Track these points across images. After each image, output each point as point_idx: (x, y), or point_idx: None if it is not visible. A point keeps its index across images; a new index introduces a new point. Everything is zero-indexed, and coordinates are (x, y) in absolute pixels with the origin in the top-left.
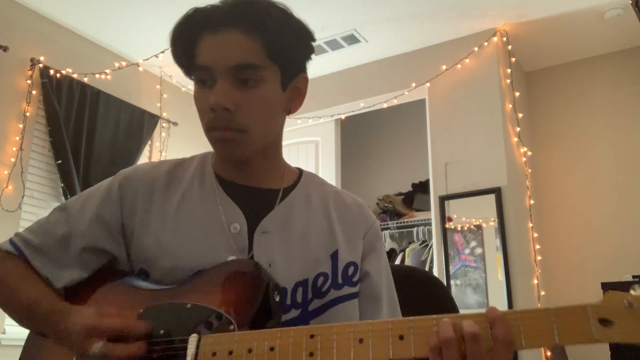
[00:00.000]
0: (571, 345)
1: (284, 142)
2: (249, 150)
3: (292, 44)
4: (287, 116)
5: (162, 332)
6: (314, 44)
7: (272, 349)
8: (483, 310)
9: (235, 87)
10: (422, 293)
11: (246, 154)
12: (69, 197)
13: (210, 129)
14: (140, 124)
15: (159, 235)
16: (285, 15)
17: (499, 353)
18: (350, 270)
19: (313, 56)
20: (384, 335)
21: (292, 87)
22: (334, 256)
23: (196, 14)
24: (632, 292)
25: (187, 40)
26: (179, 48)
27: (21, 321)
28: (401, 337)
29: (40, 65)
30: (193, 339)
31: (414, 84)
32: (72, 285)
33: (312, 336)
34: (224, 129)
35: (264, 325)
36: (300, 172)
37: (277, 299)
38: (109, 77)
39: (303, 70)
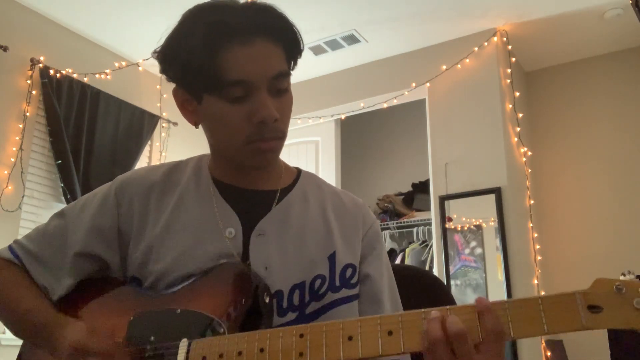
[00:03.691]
0: (560, 333)
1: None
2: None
3: (299, 50)
4: None
5: (152, 338)
6: (313, 44)
7: (262, 350)
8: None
9: (272, 95)
10: (422, 293)
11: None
12: (69, 197)
13: (255, 141)
14: (140, 124)
15: (153, 240)
16: (291, 21)
17: (489, 345)
18: (348, 272)
19: (313, 56)
20: (373, 331)
21: None
22: (332, 258)
23: (213, 25)
24: (621, 277)
25: (210, 55)
26: (196, 66)
27: (15, 331)
28: (390, 333)
29: (40, 65)
30: (183, 344)
31: (414, 84)
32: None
33: (301, 335)
34: (274, 139)
35: (254, 327)
36: (298, 172)
37: (267, 300)
38: (109, 77)
39: None
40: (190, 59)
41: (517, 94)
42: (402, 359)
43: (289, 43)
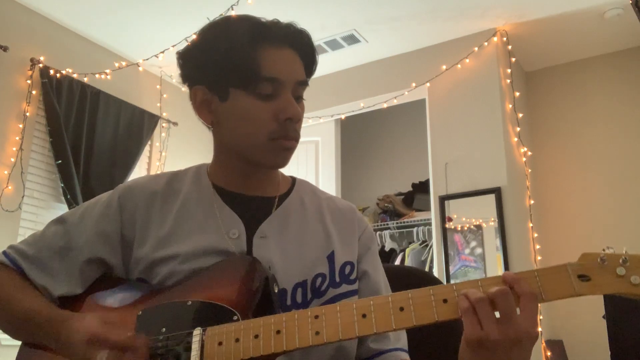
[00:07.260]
0: (556, 299)
1: None
2: None
3: (314, 70)
4: None
5: (163, 330)
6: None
7: (278, 332)
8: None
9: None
10: None
11: None
12: (69, 197)
13: (279, 138)
14: (140, 124)
15: (158, 245)
16: (313, 43)
17: (527, 307)
18: (347, 269)
19: None
20: (385, 308)
21: None
22: (331, 257)
23: (254, 26)
24: (604, 250)
25: (252, 49)
26: (235, 60)
27: (17, 332)
28: (401, 309)
29: (40, 65)
30: (197, 332)
31: (414, 84)
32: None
33: (316, 317)
34: (294, 139)
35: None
36: (293, 180)
37: (276, 289)
38: (109, 77)
39: None
40: (229, 53)
41: (517, 94)
42: (404, 356)
43: (308, 61)
